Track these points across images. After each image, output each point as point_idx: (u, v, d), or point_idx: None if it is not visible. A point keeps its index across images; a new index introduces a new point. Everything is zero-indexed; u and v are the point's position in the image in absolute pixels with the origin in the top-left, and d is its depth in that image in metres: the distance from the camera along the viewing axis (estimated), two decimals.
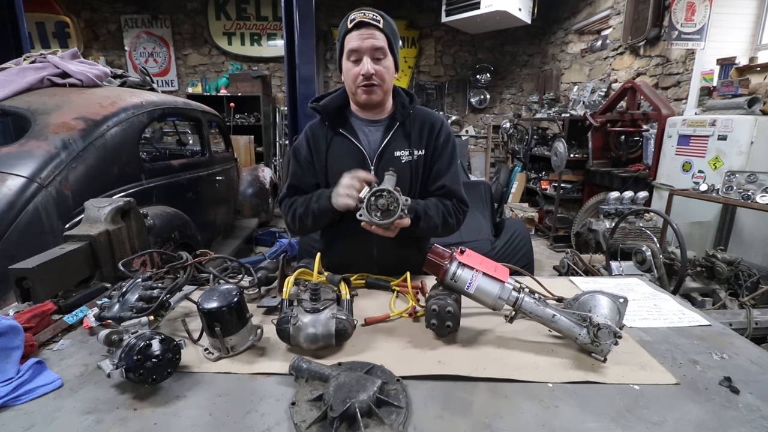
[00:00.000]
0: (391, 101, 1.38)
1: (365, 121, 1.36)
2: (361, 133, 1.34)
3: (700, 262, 2.62)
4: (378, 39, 1.20)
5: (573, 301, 0.98)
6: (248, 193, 4.44)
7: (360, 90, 1.25)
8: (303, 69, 3.74)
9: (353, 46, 1.21)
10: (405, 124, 1.35)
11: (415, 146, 1.34)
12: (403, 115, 1.34)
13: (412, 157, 1.33)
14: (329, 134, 1.35)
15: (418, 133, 1.35)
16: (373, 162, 1.32)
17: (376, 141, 1.34)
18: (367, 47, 1.20)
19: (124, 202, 1.26)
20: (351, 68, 1.24)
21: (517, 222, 3.46)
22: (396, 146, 1.33)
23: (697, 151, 3.22)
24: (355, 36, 1.20)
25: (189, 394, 0.76)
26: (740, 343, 0.98)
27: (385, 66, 1.24)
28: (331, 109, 1.34)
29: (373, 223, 1.07)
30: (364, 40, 1.19)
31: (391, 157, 1.32)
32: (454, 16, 5.68)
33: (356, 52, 1.21)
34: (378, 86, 1.25)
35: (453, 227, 1.35)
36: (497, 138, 7.52)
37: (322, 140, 1.35)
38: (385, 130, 1.34)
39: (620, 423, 0.70)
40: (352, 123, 1.35)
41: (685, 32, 3.71)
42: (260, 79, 6.64)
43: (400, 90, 1.38)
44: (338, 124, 1.34)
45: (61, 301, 1.02)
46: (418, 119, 1.36)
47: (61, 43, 6.74)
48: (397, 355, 0.89)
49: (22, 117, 2.06)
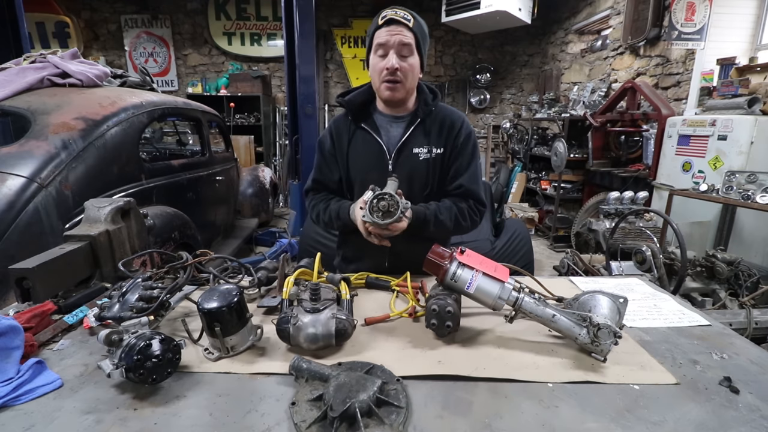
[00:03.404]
0: (415, 98, 1.39)
1: (388, 117, 1.38)
2: (383, 129, 1.37)
3: (700, 262, 2.62)
4: (406, 36, 1.23)
5: (573, 301, 0.98)
6: (248, 193, 4.44)
7: (384, 86, 1.27)
8: (303, 69, 3.74)
9: (381, 40, 1.24)
10: (426, 121, 1.36)
11: (434, 144, 1.35)
12: (424, 112, 1.35)
13: (430, 155, 1.34)
14: (352, 128, 1.38)
15: (438, 131, 1.36)
16: (391, 157, 1.34)
17: (396, 137, 1.36)
18: (395, 42, 1.23)
19: (124, 202, 1.25)
20: (377, 62, 1.26)
21: (517, 222, 3.46)
22: (415, 143, 1.34)
23: (697, 151, 3.22)
24: (384, 32, 1.23)
25: (189, 394, 0.76)
26: (740, 343, 0.98)
27: (410, 63, 1.26)
28: (356, 103, 1.38)
29: (373, 222, 1.12)
30: (392, 36, 1.22)
31: (410, 154, 1.34)
32: (454, 16, 5.68)
33: (383, 47, 1.24)
34: (401, 83, 1.27)
35: (466, 229, 1.38)
36: (497, 138, 7.52)
37: (345, 134, 1.39)
38: (406, 127, 1.36)
39: (620, 423, 0.70)
40: (375, 118, 1.38)
41: (685, 32, 3.71)
42: (260, 79, 6.64)
43: (425, 87, 1.39)
44: (361, 119, 1.37)
45: (61, 301, 1.02)
46: (439, 117, 1.37)
47: (61, 43, 6.74)
48: (397, 355, 0.89)
49: (22, 117, 2.06)
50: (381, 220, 1.11)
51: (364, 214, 1.13)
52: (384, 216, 1.12)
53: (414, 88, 1.35)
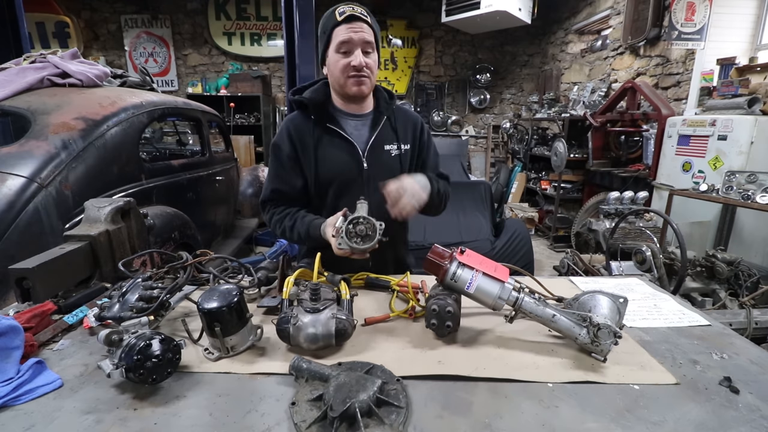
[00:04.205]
0: (372, 97, 1.40)
1: (349, 115, 1.36)
2: (348, 127, 1.34)
3: (700, 262, 2.62)
4: (367, 33, 1.23)
5: (573, 301, 0.98)
6: (248, 193, 4.44)
7: (351, 81, 1.25)
8: (303, 69, 3.73)
9: (344, 38, 1.21)
10: (391, 119, 1.38)
11: (402, 141, 1.39)
12: (387, 109, 1.37)
13: (400, 151, 1.38)
14: (315, 129, 1.32)
15: (403, 128, 1.40)
16: (365, 155, 1.33)
17: (363, 135, 1.36)
18: (359, 39, 1.21)
19: (124, 202, 1.25)
20: (340, 59, 1.24)
21: (517, 222, 3.46)
22: (385, 140, 1.36)
23: (697, 151, 3.22)
24: (345, 29, 1.21)
25: (189, 394, 0.76)
26: (740, 343, 0.98)
27: (374, 59, 1.27)
28: (317, 102, 1.33)
29: (354, 249, 1.10)
30: (356, 33, 1.20)
31: (382, 151, 1.35)
32: (454, 16, 5.68)
33: (347, 44, 1.22)
34: (368, 78, 1.26)
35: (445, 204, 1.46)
36: (497, 138, 7.52)
37: (308, 135, 1.32)
38: (373, 124, 1.36)
39: (620, 423, 0.70)
40: (337, 117, 1.34)
41: (685, 32, 3.71)
42: (260, 79, 6.64)
43: (379, 86, 1.41)
44: (324, 119, 1.32)
45: (61, 301, 1.02)
46: (400, 115, 1.42)
47: (61, 43, 6.74)
48: (397, 355, 0.89)
49: (22, 117, 2.06)
50: (360, 245, 1.10)
51: (339, 242, 1.10)
52: (363, 240, 1.10)
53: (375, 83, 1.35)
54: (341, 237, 1.10)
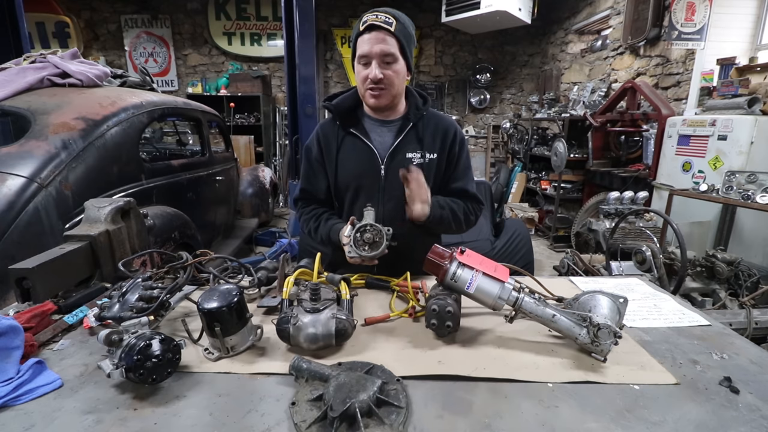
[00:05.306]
0: (404, 102, 1.38)
1: (377, 121, 1.36)
2: (373, 134, 1.35)
3: (700, 262, 2.62)
4: (388, 44, 1.19)
5: (573, 301, 0.98)
6: (248, 193, 4.44)
7: (368, 93, 1.27)
8: (303, 69, 3.74)
9: (363, 50, 1.21)
10: (418, 126, 1.34)
11: (428, 149, 1.34)
12: (416, 116, 1.34)
13: (423, 160, 1.33)
14: (340, 134, 1.35)
15: (431, 136, 1.35)
16: (384, 162, 1.33)
17: (387, 141, 1.34)
18: (376, 53, 1.20)
19: (124, 202, 1.25)
20: (361, 71, 1.25)
21: (517, 222, 3.46)
22: (408, 148, 1.33)
23: (697, 151, 3.22)
24: (365, 39, 1.20)
25: (189, 394, 0.76)
26: (740, 343, 0.98)
27: (395, 70, 1.23)
28: (344, 108, 1.35)
29: (363, 257, 1.14)
30: (374, 45, 1.19)
31: (403, 158, 1.32)
32: (454, 16, 5.68)
33: (365, 57, 1.22)
34: (385, 90, 1.25)
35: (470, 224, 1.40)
36: (497, 138, 7.52)
37: (333, 140, 1.36)
38: (398, 131, 1.34)
39: (620, 423, 0.70)
40: (364, 123, 1.36)
41: (685, 32, 3.71)
42: (260, 79, 6.64)
43: (414, 91, 1.38)
44: (350, 124, 1.34)
45: (61, 301, 1.02)
46: (431, 123, 1.36)
47: (61, 43, 6.74)
48: (397, 355, 0.89)
49: (22, 117, 2.06)
50: (368, 253, 1.13)
51: (349, 251, 1.14)
52: (371, 248, 1.13)
53: (401, 92, 1.33)
54: (350, 245, 1.13)
